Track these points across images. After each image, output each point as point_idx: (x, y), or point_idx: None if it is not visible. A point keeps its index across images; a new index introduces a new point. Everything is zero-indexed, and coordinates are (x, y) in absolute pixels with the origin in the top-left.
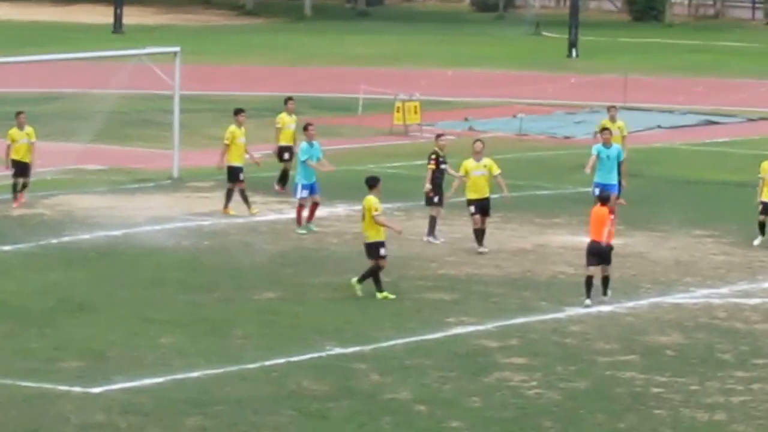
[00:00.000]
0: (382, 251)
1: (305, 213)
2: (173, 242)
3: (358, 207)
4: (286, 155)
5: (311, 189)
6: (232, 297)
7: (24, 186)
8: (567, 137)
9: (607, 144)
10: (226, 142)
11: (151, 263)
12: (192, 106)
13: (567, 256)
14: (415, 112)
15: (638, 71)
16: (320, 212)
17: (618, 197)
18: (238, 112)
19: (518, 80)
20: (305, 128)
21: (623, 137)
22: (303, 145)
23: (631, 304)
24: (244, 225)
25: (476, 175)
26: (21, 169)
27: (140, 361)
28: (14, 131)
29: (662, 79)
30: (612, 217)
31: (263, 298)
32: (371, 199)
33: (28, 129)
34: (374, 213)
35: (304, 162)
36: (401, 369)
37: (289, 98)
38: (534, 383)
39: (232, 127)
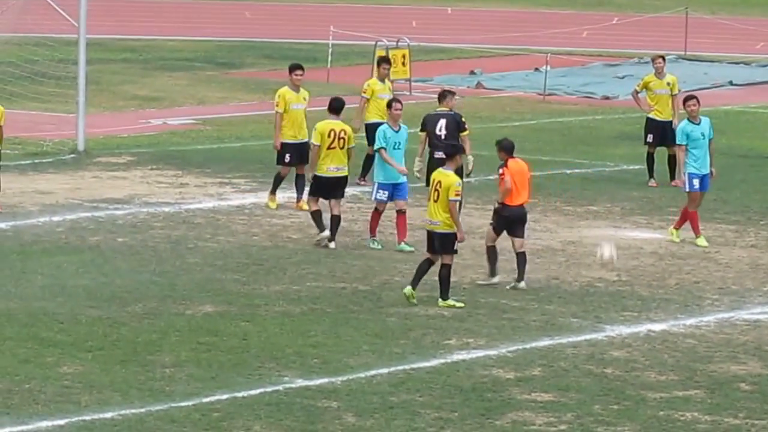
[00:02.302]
0: (458, 245)
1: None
2: (77, 238)
3: None
4: None
5: (393, 191)
6: (157, 311)
7: None
8: (607, 97)
9: (695, 117)
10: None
11: (49, 266)
12: (102, 54)
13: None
14: (403, 64)
15: (703, 8)
16: (277, 197)
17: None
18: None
19: (542, 20)
20: (389, 105)
21: (672, 97)
22: (383, 127)
23: (692, 321)
24: (172, 216)
25: None
26: None
27: (34, 396)
28: None
29: (736, 18)
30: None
31: (199, 312)
32: (451, 177)
33: None
34: (452, 197)
35: (379, 151)
36: (385, 408)
37: (384, 58)
38: (563, 427)
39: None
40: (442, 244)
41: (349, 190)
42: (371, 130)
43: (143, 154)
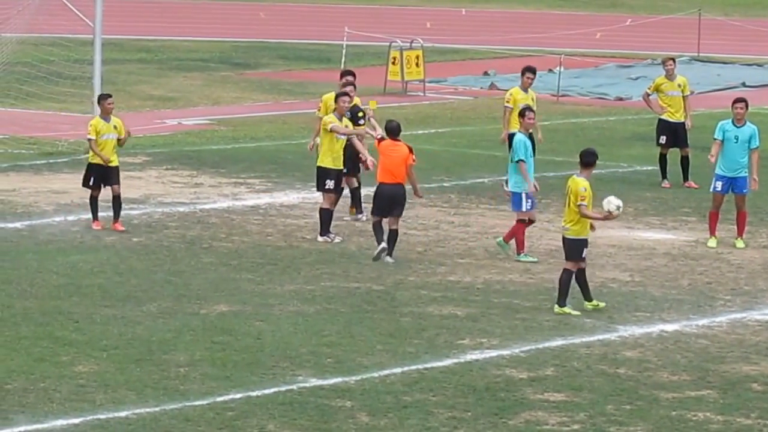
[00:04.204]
0: (585, 252)
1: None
2: (92, 238)
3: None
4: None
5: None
6: (172, 310)
7: None
8: (620, 98)
9: (740, 120)
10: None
11: (64, 265)
12: (118, 54)
13: (620, 257)
14: (417, 65)
15: (716, 10)
16: (291, 198)
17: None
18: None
19: (556, 21)
20: (522, 113)
21: (684, 98)
22: (519, 137)
23: (704, 321)
24: (187, 216)
25: None
26: None
27: (49, 395)
28: None
29: (749, 20)
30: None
31: (213, 311)
32: (580, 182)
33: None
34: (579, 202)
35: (518, 163)
36: (398, 408)
37: (529, 68)
38: (576, 427)
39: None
40: (569, 249)
41: (361, 190)
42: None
43: (158, 154)
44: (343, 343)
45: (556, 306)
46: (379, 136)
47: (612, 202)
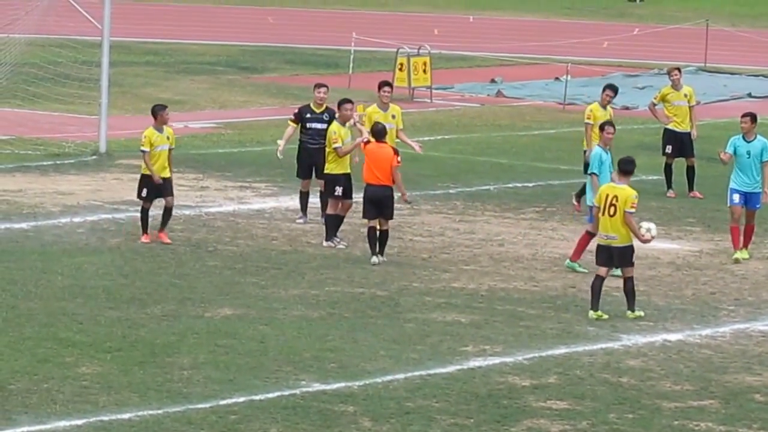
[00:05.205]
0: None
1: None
2: (97, 239)
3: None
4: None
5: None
6: (176, 313)
7: None
8: (626, 107)
9: (747, 134)
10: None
11: (69, 267)
12: (125, 57)
13: None
14: (424, 71)
15: (724, 20)
16: (296, 203)
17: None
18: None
19: (563, 30)
20: (601, 128)
21: (690, 108)
22: (596, 151)
23: (707, 331)
24: (192, 219)
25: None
26: None
27: (53, 396)
28: None
29: (756, 31)
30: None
31: (217, 315)
32: (629, 190)
33: None
34: (630, 209)
35: (590, 176)
36: (401, 413)
37: (609, 86)
38: None
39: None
40: (621, 257)
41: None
42: None
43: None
44: (346, 348)
45: (629, 312)
46: (365, 140)
47: (652, 230)
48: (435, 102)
